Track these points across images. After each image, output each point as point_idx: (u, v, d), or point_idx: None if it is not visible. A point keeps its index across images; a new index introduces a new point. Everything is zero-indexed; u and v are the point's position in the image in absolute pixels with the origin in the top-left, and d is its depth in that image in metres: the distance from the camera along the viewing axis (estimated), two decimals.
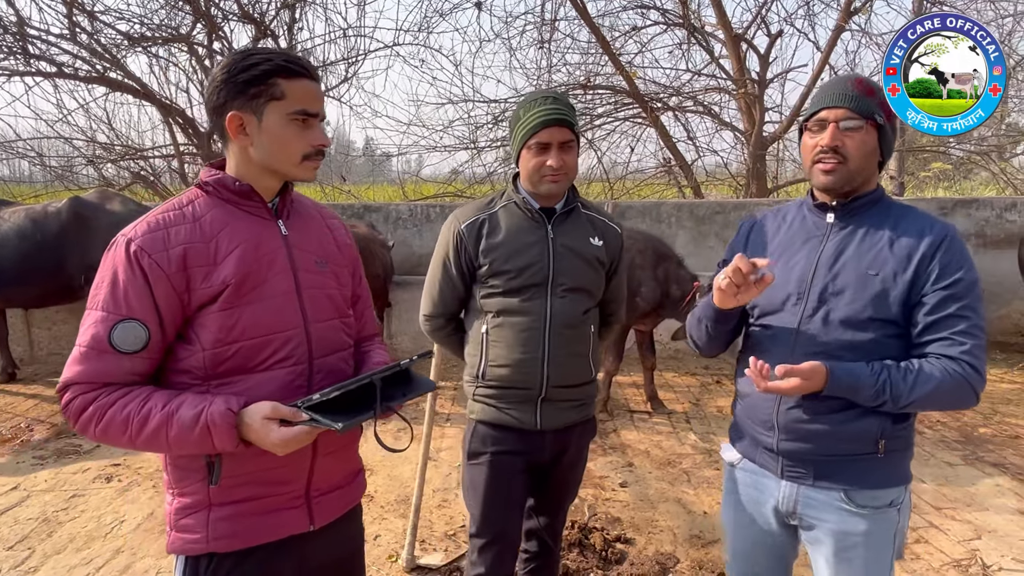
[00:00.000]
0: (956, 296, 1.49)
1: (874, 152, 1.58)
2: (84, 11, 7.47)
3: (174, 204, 1.38)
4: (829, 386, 1.48)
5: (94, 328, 1.29)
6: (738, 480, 1.79)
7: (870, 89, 1.56)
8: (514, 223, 1.98)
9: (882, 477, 1.58)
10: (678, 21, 8.75)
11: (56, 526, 3.34)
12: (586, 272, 1.99)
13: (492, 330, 1.98)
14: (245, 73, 1.32)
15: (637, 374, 5.47)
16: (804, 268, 1.60)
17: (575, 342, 1.99)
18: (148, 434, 1.26)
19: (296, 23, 8.34)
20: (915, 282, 1.51)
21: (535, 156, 1.89)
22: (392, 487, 3.69)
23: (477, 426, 2.05)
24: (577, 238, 2.00)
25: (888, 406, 1.49)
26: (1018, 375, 5.75)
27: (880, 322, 1.53)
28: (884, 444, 1.55)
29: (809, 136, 1.60)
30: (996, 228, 6.85)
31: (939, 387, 1.46)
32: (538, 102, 1.90)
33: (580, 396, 2.05)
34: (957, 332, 1.48)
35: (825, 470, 1.59)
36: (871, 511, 1.57)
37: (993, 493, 3.62)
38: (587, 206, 2.09)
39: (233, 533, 1.37)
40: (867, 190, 1.61)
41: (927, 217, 1.59)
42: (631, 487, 3.75)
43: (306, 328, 1.41)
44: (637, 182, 10.34)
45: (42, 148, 9.11)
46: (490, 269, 1.95)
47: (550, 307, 1.94)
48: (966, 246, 1.56)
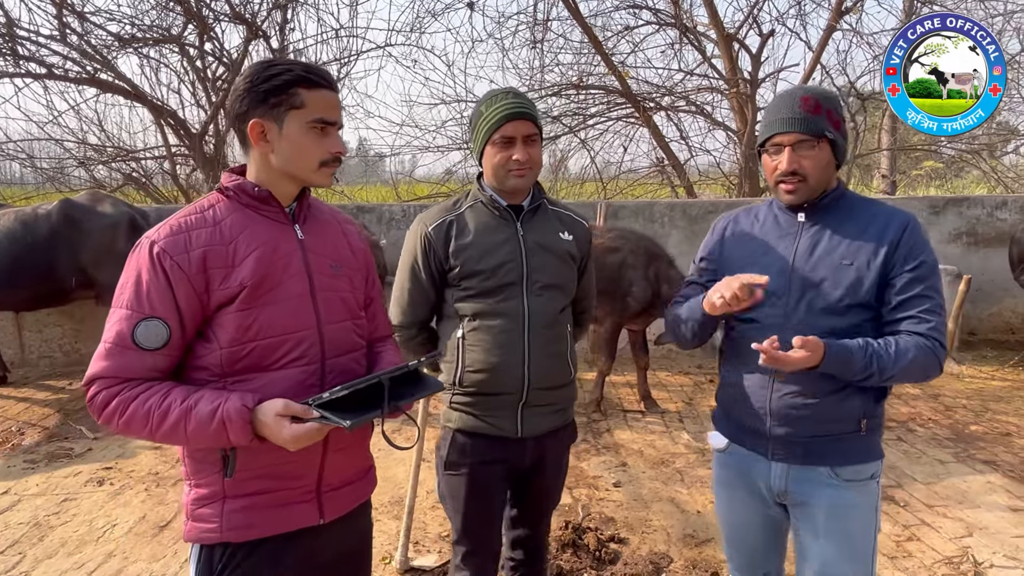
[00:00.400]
0: (921, 278, 1.63)
1: (830, 163, 1.69)
2: (74, 12, 7.44)
3: (195, 208, 1.45)
4: (826, 360, 1.57)
5: (118, 326, 1.35)
6: (727, 464, 1.89)
7: (817, 105, 1.64)
8: (482, 222, 1.94)
9: (864, 453, 1.72)
10: (670, 21, 8.77)
11: (47, 530, 3.32)
12: (559, 268, 1.97)
13: (469, 334, 1.92)
14: (267, 83, 1.39)
15: (630, 374, 5.48)
16: (783, 264, 1.72)
17: (554, 342, 1.95)
18: (168, 427, 1.33)
19: (288, 24, 8.33)
20: (885, 267, 1.64)
21: (500, 151, 1.86)
22: (386, 489, 3.69)
23: (455, 435, 1.99)
24: (547, 234, 1.97)
25: (874, 379, 1.61)
26: (1009, 372, 5.78)
27: (857, 307, 1.65)
28: (865, 423, 1.69)
29: (768, 158, 1.71)
30: (987, 226, 6.88)
31: (914, 360, 1.59)
32: (499, 97, 1.87)
33: (560, 399, 2.02)
34: (924, 311, 1.62)
35: (813, 450, 1.70)
36: (856, 484, 1.70)
37: (984, 490, 3.64)
38: (552, 202, 2.06)
39: (246, 524, 1.43)
40: (830, 189, 1.73)
41: (887, 207, 1.73)
42: (625, 487, 3.75)
43: (319, 329, 1.47)
44: (630, 182, 10.35)
45: (32, 150, 9.08)
46: (462, 271, 1.91)
47: (527, 306, 1.90)
48: (926, 232, 1.70)
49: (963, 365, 5.95)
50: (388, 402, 1.38)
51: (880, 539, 3.13)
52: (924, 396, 5.21)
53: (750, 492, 1.83)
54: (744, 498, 1.86)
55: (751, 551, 1.91)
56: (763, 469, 1.78)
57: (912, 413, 4.85)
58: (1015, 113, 10.30)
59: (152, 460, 4.14)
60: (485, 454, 1.96)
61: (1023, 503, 3.49)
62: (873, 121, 10.21)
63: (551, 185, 10.45)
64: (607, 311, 4.75)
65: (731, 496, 1.90)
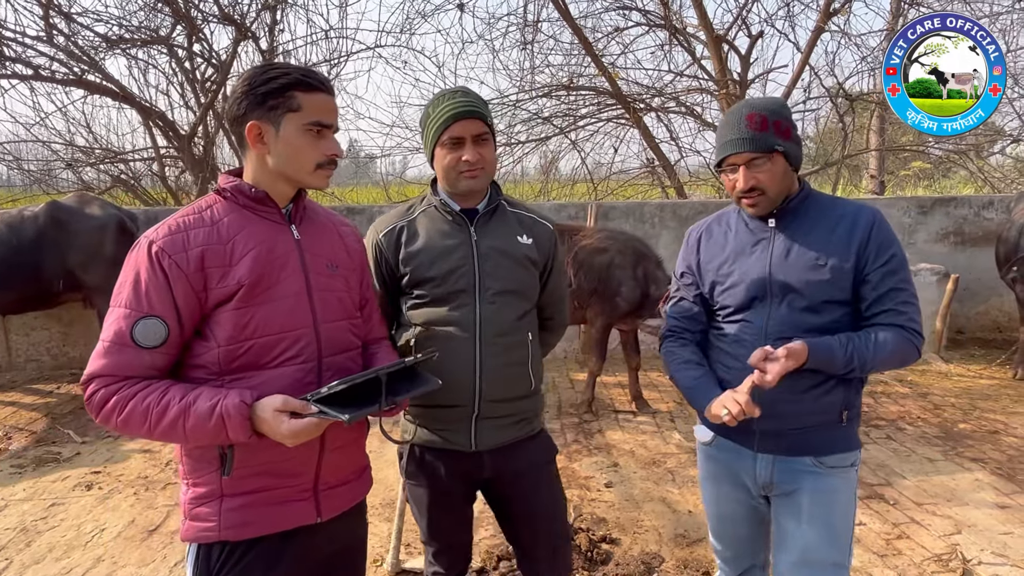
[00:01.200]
0: (893, 271, 1.70)
1: (787, 171, 1.74)
2: (61, 13, 7.39)
3: (194, 208, 1.47)
4: (810, 360, 1.64)
5: (117, 324, 1.37)
6: (713, 457, 1.94)
7: (763, 121, 1.69)
8: (434, 227, 1.87)
9: (845, 442, 1.79)
10: (660, 22, 8.79)
11: (35, 535, 3.29)
12: (516, 273, 1.87)
13: (419, 343, 1.82)
14: (265, 86, 1.42)
15: (622, 374, 5.48)
16: (761, 269, 1.77)
17: (511, 351, 1.85)
18: (166, 425, 1.34)
19: (277, 25, 8.30)
20: (858, 264, 1.71)
21: (449, 152, 1.79)
22: (377, 491, 3.68)
23: (412, 448, 1.93)
24: (503, 238, 1.88)
25: (856, 371, 1.69)
26: (997, 371, 5.83)
27: (835, 303, 1.72)
28: (846, 414, 1.77)
29: (726, 176, 1.78)
30: (974, 226, 6.94)
31: (894, 350, 1.68)
32: (447, 97, 1.80)
33: (519, 410, 1.90)
34: (899, 303, 1.70)
35: (798, 441, 1.77)
36: (839, 470, 1.78)
37: (973, 488, 3.66)
38: (513, 204, 1.98)
39: (244, 522, 1.44)
40: (795, 191, 1.79)
41: (852, 204, 1.79)
42: (616, 487, 3.75)
43: (316, 328, 1.49)
44: (621, 182, 10.37)
45: (19, 152, 9.00)
46: (412, 278, 1.84)
47: (479, 314, 1.81)
48: (890, 225, 1.77)
49: (951, 364, 5.99)
50: (385, 397, 1.40)
51: (869, 537, 3.16)
52: (913, 395, 5.25)
53: (735, 485, 1.89)
54: (729, 491, 1.91)
55: (738, 542, 1.97)
56: (748, 462, 1.83)
57: (901, 412, 4.88)
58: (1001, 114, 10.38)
59: (141, 464, 4.11)
60: (441, 467, 1.89)
61: (1011, 500, 3.52)
62: (861, 122, 10.28)
63: (542, 186, 10.47)
64: (597, 311, 4.75)
65: (717, 489, 1.95)
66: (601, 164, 10.17)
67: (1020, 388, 5.38)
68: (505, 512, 2.00)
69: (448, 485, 1.91)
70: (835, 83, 8.81)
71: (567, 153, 10.09)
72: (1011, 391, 5.31)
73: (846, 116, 8.90)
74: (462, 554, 2.04)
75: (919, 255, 6.77)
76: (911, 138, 11.64)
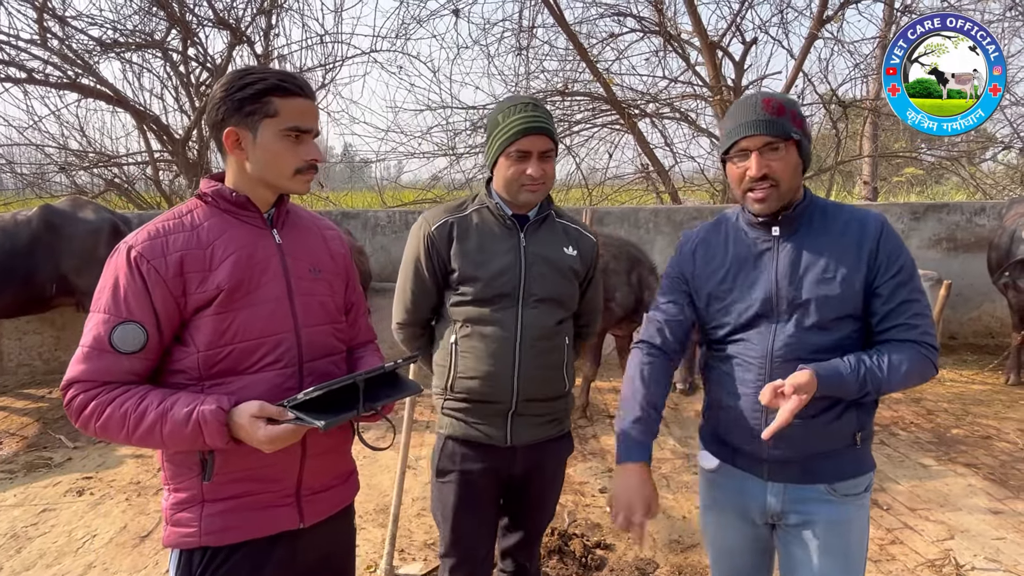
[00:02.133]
0: (904, 282, 1.59)
1: (798, 166, 1.61)
2: (55, 16, 7.37)
3: (174, 213, 1.46)
4: (820, 389, 1.51)
5: (96, 329, 1.36)
6: (719, 484, 1.80)
7: (780, 107, 1.58)
8: (486, 229, 1.92)
9: (859, 466, 1.68)
10: (654, 29, 8.83)
11: (25, 542, 3.26)
12: (559, 282, 1.93)
13: (462, 340, 1.91)
14: (241, 92, 1.40)
15: (617, 379, 5.49)
16: (766, 284, 1.64)
17: (548, 354, 1.93)
18: (144, 430, 1.33)
19: (272, 29, 8.30)
20: (868, 275, 1.60)
21: (514, 164, 1.82)
22: (371, 496, 3.66)
23: (446, 442, 1.98)
24: (551, 247, 1.94)
25: (871, 395, 1.57)
26: (989, 376, 5.85)
27: (847, 319, 1.60)
28: (860, 436, 1.65)
29: (733, 166, 1.62)
30: (966, 232, 6.98)
31: (910, 369, 1.56)
32: (518, 108, 1.84)
33: (553, 410, 1.99)
34: (912, 316, 1.59)
35: (810, 468, 1.65)
36: (852, 498, 1.66)
37: (966, 493, 3.67)
38: (561, 214, 2.03)
39: (225, 528, 1.43)
40: (799, 198, 1.66)
41: (857, 211, 1.68)
42: (611, 493, 3.74)
43: (297, 332, 1.47)
44: (615, 188, 10.41)
45: (12, 155, 8.98)
46: (460, 275, 1.89)
47: (521, 318, 1.88)
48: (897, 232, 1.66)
49: (944, 369, 6.02)
50: (363, 403, 1.39)
51: None
52: (906, 400, 5.26)
53: (740, 515, 1.77)
54: (733, 521, 1.79)
55: (738, 574, 1.86)
56: (757, 490, 1.71)
57: (895, 417, 4.89)
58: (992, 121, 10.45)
59: (133, 469, 4.09)
60: (474, 461, 1.94)
61: (1003, 506, 3.53)
62: (854, 128, 10.34)
63: None
64: None
65: (720, 519, 1.83)
66: (596, 169, 10.20)
67: (1012, 393, 5.41)
68: (517, 506, 2.07)
69: (479, 479, 1.95)
70: (828, 89, 8.87)
71: (562, 158, 10.10)
72: (1003, 396, 5.33)
73: (839, 122, 8.96)
74: (480, 570, 2.02)
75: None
76: (904, 144, 11.71)
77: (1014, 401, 5.22)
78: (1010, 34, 8.75)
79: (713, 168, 9.89)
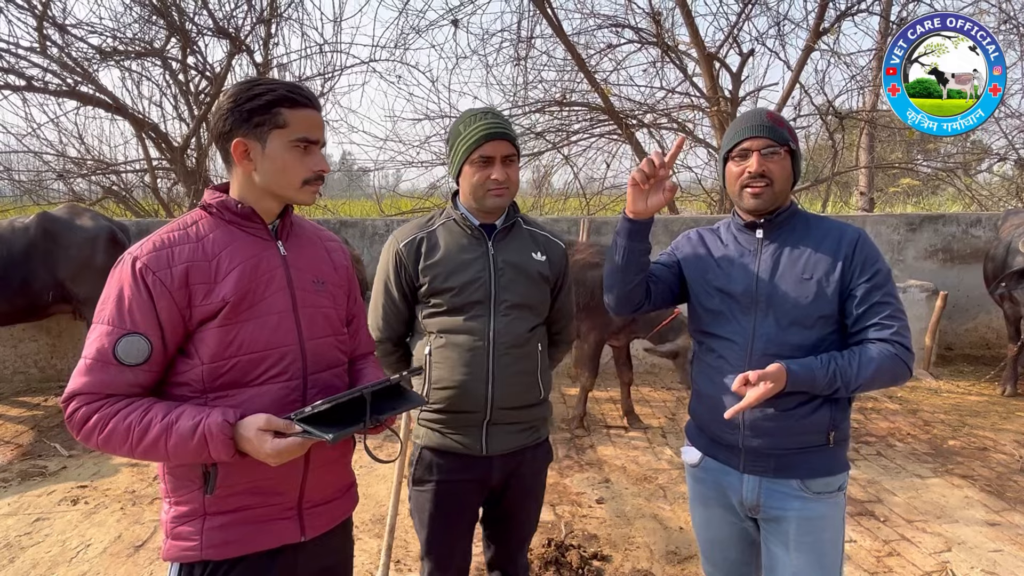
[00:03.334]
0: (878, 285, 1.70)
1: (790, 175, 1.78)
2: (55, 24, 7.39)
3: (179, 224, 1.45)
4: (790, 383, 1.63)
5: (99, 341, 1.34)
6: (701, 479, 1.92)
7: (781, 121, 1.77)
8: (453, 240, 1.94)
9: (832, 465, 1.77)
10: (652, 40, 8.88)
11: (19, 551, 3.24)
12: (529, 288, 1.96)
13: (435, 351, 1.93)
14: (250, 103, 1.40)
15: (614, 389, 5.49)
16: (747, 282, 1.78)
17: (521, 361, 1.95)
18: (148, 443, 1.32)
19: (272, 38, 8.33)
20: (843, 278, 1.71)
21: (479, 170, 1.87)
22: (367, 507, 3.65)
23: (422, 452, 1.99)
24: (519, 253, 1.97)
25: (841, 392, 1.66)
26: (985, 387, 5.86)
27: (822, 319, 1.72)
28: (833, 435, 1.74)
29: (734, 164, 1.79)
30: (962, 243, 7.01)
31: (880, 367, 1.65)
32: (478, 117, 1.89)
33: (529, 418, 2.00)
34: (885, 317, 1.68)
35: (784, 463, 1.75)
36: (825, 496, 1.76)
37: (962, 505, 3.67)
38: (528, 221, 2.07)
39: (226, 541, 1.42)
40: (785, 206, 1.82)
41: (837, 223, 1.82)
42: (608, 503, 3.74)
43: (301, 345, 1.47)
44: (613, 197, 10.44)
45: (10, 162, 8.97)
46: (430, 288, 1.92)
47: (493, 326, 1.90)
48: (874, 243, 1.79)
49: (940, 380, 6.03)
50: (370, 416, 1.39)
51: (860, 554, 3.16)
52: (903, 411, 5.27)
53: (724, 507, 1.88)
54: (719, 513, 1.90)
55: (729, 565, 1.95)
56: (735, 482, 1.82)
57: (891, 428, 4.89)
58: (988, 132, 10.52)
59: (128, 478, 4.07)
60: (451, 471, 1.96)
61: (1000, 518, 3.53)
62: (851, 139, 10.40)
63: (535, 200, 10.50)
64: (589, 327, 4.75)
65: (707, 512, 1.94)
66: (593, 179, 10.24)
67: (1009, 405, 5.41)
68: (497, 515, 2.07)
69: (454, 490, 1.96)
70: (825, 101, 8.92)
71: (560, 168, 10.15)
72: (1000, 408, 5.34)
73: (836, 133, 9.00)
74: (461, 572, 2.05)
75: (908, 272, 6.82)
76: (900, 156, 11.77)
77: (1010, 412, 5.22)
78: (1004, 47, 8.79)
79: (710, 178, 9.92)
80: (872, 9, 8.32)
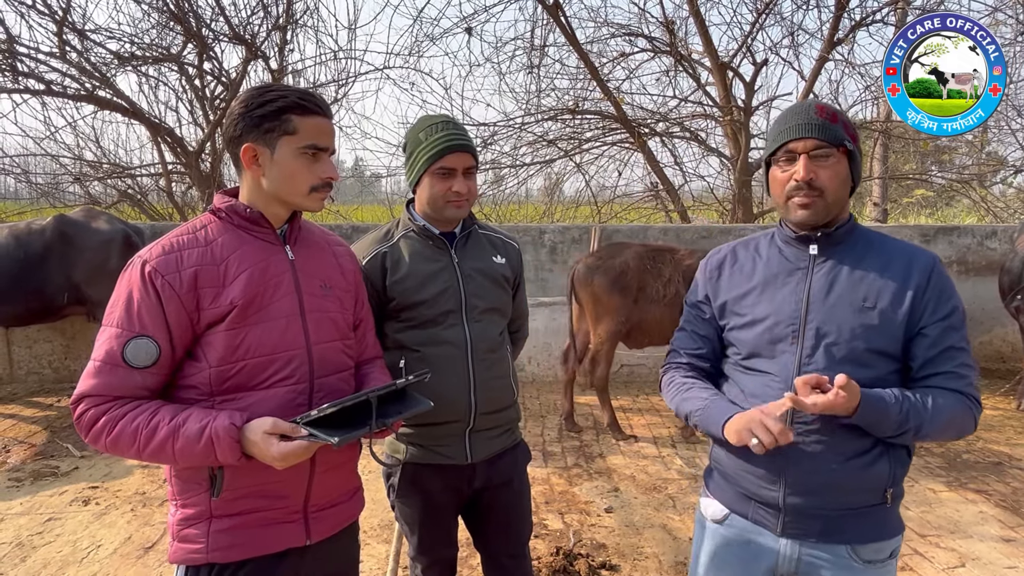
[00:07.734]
0: (954, 327, 1.45)
1: (847, 180, 1.50)
2: (74, 30, 7.49)
3: (188, 228, 1.46)
4: (861, 409, 1.36)
5: (108, 344, 1.35)
6: (723, 537, 1.60)
7: (834, 115, 1.48)
8: (417, 252, 1.92)
9: (887, 528, 1.51)
10: (665, 49, 8.89)
11: (30, 551, 3.26)
12: (496, 292, 1.98)
13: (413, 364, 1.86)
14: (261, 108, 1.41)
15: (623, 397, 5.47)
16: (795, 306, 1.49)
17: (497, 365, 1.96)
18: (155, 446, 1.32)
19: (287, 45, 8.40)
20: (912, 312, 1.45)
21: (440, 181, 1.85)
22: (375, 511, 3.65)
23: (404, 467, 1.96)
24: (481, 259, 1.97)
25: (909, 436, 1.42)
26: (1000, 401, 5.79)
27: (883, 356, 1.45)
28: (891, 493, 1.49)
29: (779, 169, 1.51)
30: (977, 255, 6.94)
31: (953, 418, 1.43)
32: (439, 127, 1.86)
33: (505, 421, 2.01)
34: (959, 365, 1.45)
35: (833, 525, 1.47)
36: (876, 565, 1.49)
37: (976, 520, 3.63)
38: (483, 226, 2.07)
39: (232, 544, 1.43)
40: (843, 218, 1.53)
41: (908, 245, 1.54)
42: (616, 512, 3.72)
43: (308, 349, 1.48)
44: (624, 206, 10.44)
45: (28, 165, 9.09)
46: (400, 302, 1.89)
47: (469, 333, 1.90)
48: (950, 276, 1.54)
49: None
50: (376, 420, 1.40)
51: None
52: None
53: (746, 575, 1.58)
54: None
55: None
56: (768, 547, 1.52)
57: None
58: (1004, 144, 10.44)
59: (139, 480, 4.09)
60: (435, 483, 1.94)
61: (1015, 534, 3.48)
62: (865, 150, 10.34)
63: (546, 207, 10.52)
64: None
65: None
66: (605, 187, 10.25)
67: (1023, 419, 5.35)
68: (484, 520, 2.07)
69: (441, 500, 1.96)
70: None
71: (571, 175, 10.17)
72: (1015, 422, 5.27)
73: None
74: (448, 566, 2.09)
75: None
76: (914, 166, 11.70)
77: None
78: (1021, 58, 8.74)
79: (722, 188, 9.90)
80: (887, 19, 8.29)
